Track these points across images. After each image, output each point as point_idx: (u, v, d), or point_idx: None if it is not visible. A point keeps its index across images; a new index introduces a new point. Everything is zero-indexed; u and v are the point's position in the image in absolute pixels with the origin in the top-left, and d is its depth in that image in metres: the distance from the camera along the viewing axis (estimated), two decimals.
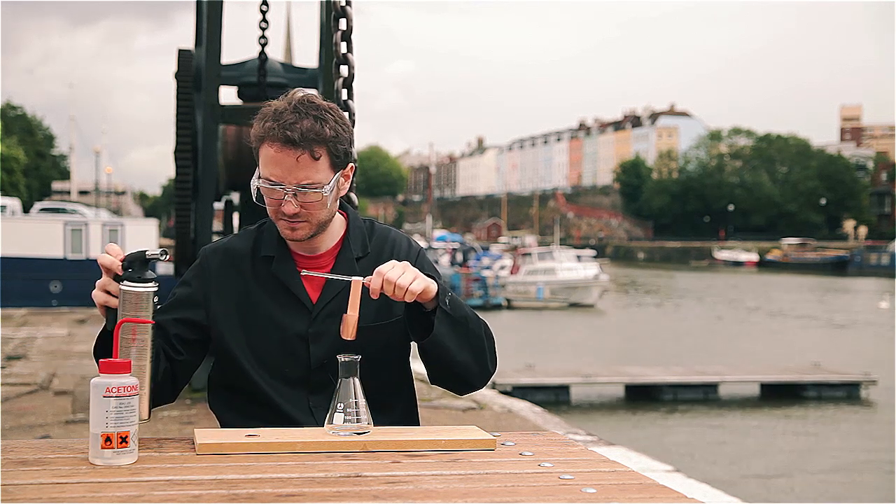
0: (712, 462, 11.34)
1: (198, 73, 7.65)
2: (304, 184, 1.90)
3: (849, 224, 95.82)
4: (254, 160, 1.98)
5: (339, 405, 1.78)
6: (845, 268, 65.61)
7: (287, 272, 2.02)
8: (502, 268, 40.56)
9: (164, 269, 15.07)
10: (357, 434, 1.78)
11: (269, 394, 1.98)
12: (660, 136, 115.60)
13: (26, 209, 37.50)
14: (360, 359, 1.80)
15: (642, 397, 14.91)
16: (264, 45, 7.53)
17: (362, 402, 1.79)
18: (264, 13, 7.29)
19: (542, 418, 8.41)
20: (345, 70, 3.15)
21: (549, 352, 21.05)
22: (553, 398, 14.14)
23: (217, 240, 2.17)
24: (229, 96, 8.27)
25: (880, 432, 13.09)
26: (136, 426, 1.62)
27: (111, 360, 1.63)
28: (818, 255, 72.00)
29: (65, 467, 1.58)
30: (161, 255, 1.80)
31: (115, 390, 1.60)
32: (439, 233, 72.37)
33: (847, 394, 15.41)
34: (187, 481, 1.51)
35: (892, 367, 17.54)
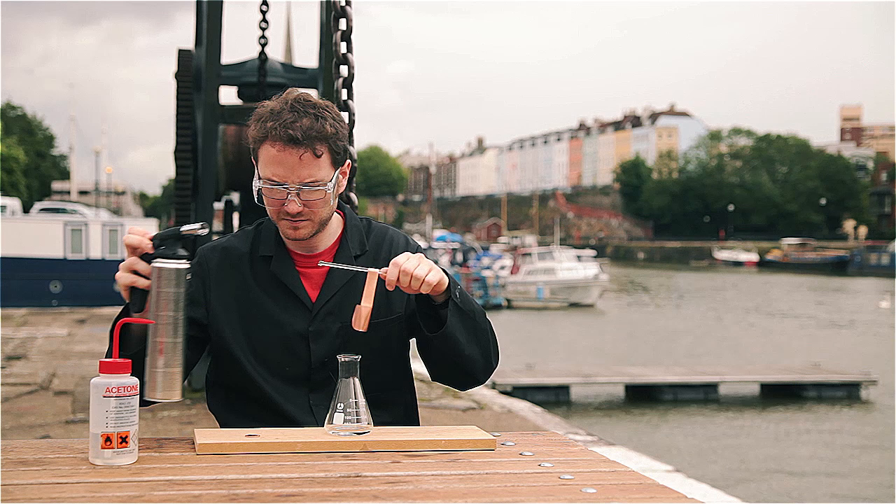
0: (712, 462, 11.33)
1: (198, 73, 7.65)
2: (307, 182, 1.90)
3: (849, 224, 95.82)
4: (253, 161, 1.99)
5: (339, 405, 1.79)
6: (845, 268, 65.62)
7: (286, 271, 2.02)
8: (502, 268, 40.53)
9: None
10: (357, 434, 1.78)
11: (269, 392, 1.98)
12: (660, 136, 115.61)
13: (26, 209, 37.50)
14: (360, 358, 1.80)
15: (642, 397, 14.90)
16: (264, 45, 7.52)
17: (362, 402, 1.80)
18: (264, 13, 7.28)
19: (542, 418, 8.40)
20: (345, 70, 3.15)
21: (549, 352, 21.05)
22: (553, 398, 14.14)
23: (215, 239, 2.17)
24: (229, 96, 8.28)
25: (880, 432, 13.10)
26: (136, 426, 1.62)
27: (111, 360, 1.63)
28: (818, 255, 71.99)
29: (65, 467, 1.58)
30: (200, 229, 1.75)
31: (115, 390, 1.59)
32: (439, 233, 72.32)
33: (847, 394, 15.40)
34: (187, 481, 1.51)
35: (892, 367, 17.54)
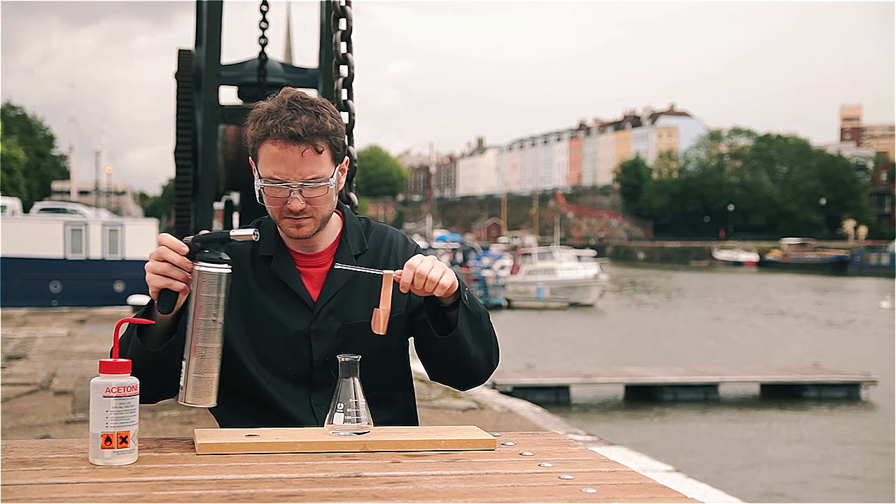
0: (712, 462, 11.33)
1: (198, 73, 7.65)
2: (309, 178, 1.91)
3: (849, 224, 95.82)
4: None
5: (339, 405, 1.78)
6: (845, 268, 65.63)
7: (287, 270, 2.02)
8: (502, 268, 40.55)
9: None
10: (357, 434, 1.77)
11: (270, 392, 1.98)
12: (660, 136, 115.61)
13: (26, 209, 37.52)
14: (360, 358, 1.80)
15: (642, 397, 14.91)
16: (264, 45, 7.51)
17: (362, 401, 1.79)
18: (264, 13, 7.27)
19: (542, 418, 8.40)
20: (345, 70, 3.15)
21: (549, 352, 21.05)
22: (553, 398, 14.14)
23: None
24: (229, 96, 8.27)
25: (880, 432, 13.09)
26: (136, 426, 1.62)
27: (111, 360, 1.63)
28: (818, 255, 72.00)
29: (65, 467, 1.57)
30: (253, 235, 1.74)
31: (115, 390, 1.59)
32: (439, 233, 72.33)
33: (847, 394, 15.41)
34: (187, 481, 1.51)
35: (892, 367, 17.54)
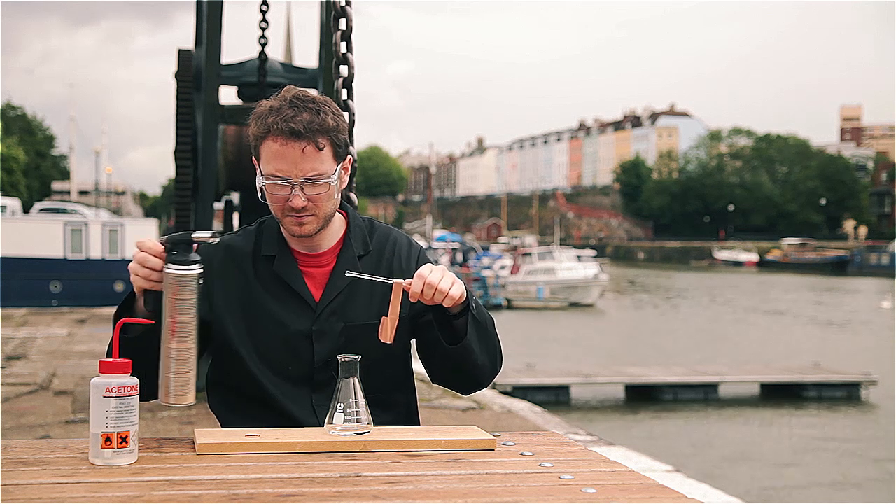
0: (712, 462, 11.33)
1: (198, 73, 7.65)
2: (310, 175, 1.91)
3: (849, 224, 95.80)
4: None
5: (339, 405, 1.78)
6: (845, 268, 65.63)
7: (289, 270, 2.02)
8: (502, 268, 40.53)
9: None
10: (357, 434, 1.77)
11: (271, 392, 1.98)
12: (660, 136, 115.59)
13: (26, 209, 37.50)
14: (360, 358, 1.80)
15: (642, 397, 14.90)
16: (264, 45, 7.52)
17: (362, 402, 1.79)
18: (264, 13, 7.27)
19: (542, 418, 8.40)
20: (345, 70, 3.15)
21: (549, 352, 21.05)
22: (553, 398, 14.13)
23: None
24: (229, 96, 8.27)
25: (880, 432, 13.09)
26: (136, 426, 1.62)
27: (111, 360, 1.63)
28: (818, 255, 71.99)
29: (65, 467, 1.57)
30: (211, 237, 1.76)
31: (115, 390, 1.59)
32: (439, 233, 72.29)
33: (847, 394, 15.40)
34: (187, 481, 1.51)
35: (892, 367, 17.54)
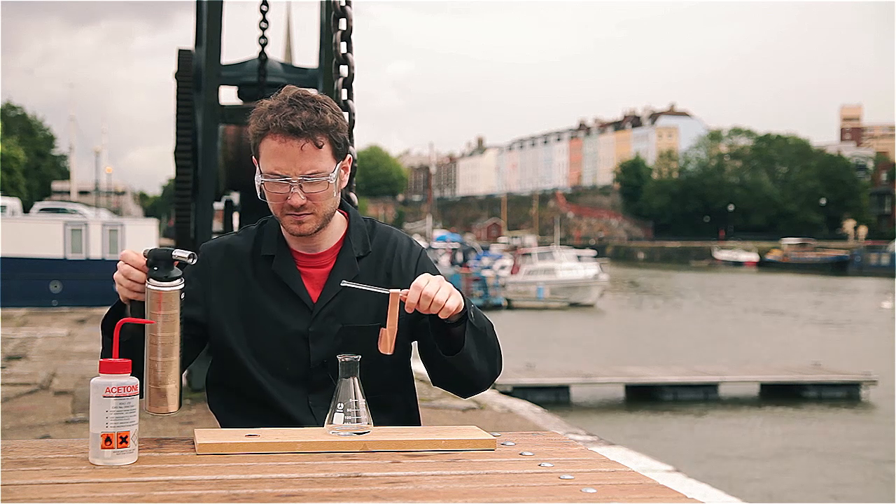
0: (712, 462, 11.33)
1: (198, 73, 7.65)
2: (309, 173, 1.91)
3: (849, 224, 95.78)
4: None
5: (339, 405, 1.78)
6: (845, 268, 65.61)
7: (288, 271, 2.02)
8: (502, 268, 40.53)
9: None
10: (357, 434, 1.77)
11: (269, 392, 1.99)
12: (660, 136, 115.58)
13: (26, 209, 37.50)
14: (360, 358, 1.80)
15: (642, 397, 14.91)
16: (264, 45, 7.52)
17: (362, 402, 1.79)
18: (264, 13, 7.27)
19: (542, 418, 8.40)
20: (345, 70, 3.15)
21: (549, 352, 21.06)
22: (553, 398, 14.14)
23: (217, 237, 2.16)
24: (229, 96, 8.27)
25: (880, 432, 13.09)
26: (136, 426, 1.62)
27: (111, 360, 1.63)
28: (818, 255, 71.97)
29: (65, 467, 1.57)
30: (189, 258, 1.76)
31: (115, 390, 1.59)
32: (439, 233, 72.26)
33: (847, 394, 15.40)
34: (187, 481, 1.51)
35: (892, 367, 17.54)
